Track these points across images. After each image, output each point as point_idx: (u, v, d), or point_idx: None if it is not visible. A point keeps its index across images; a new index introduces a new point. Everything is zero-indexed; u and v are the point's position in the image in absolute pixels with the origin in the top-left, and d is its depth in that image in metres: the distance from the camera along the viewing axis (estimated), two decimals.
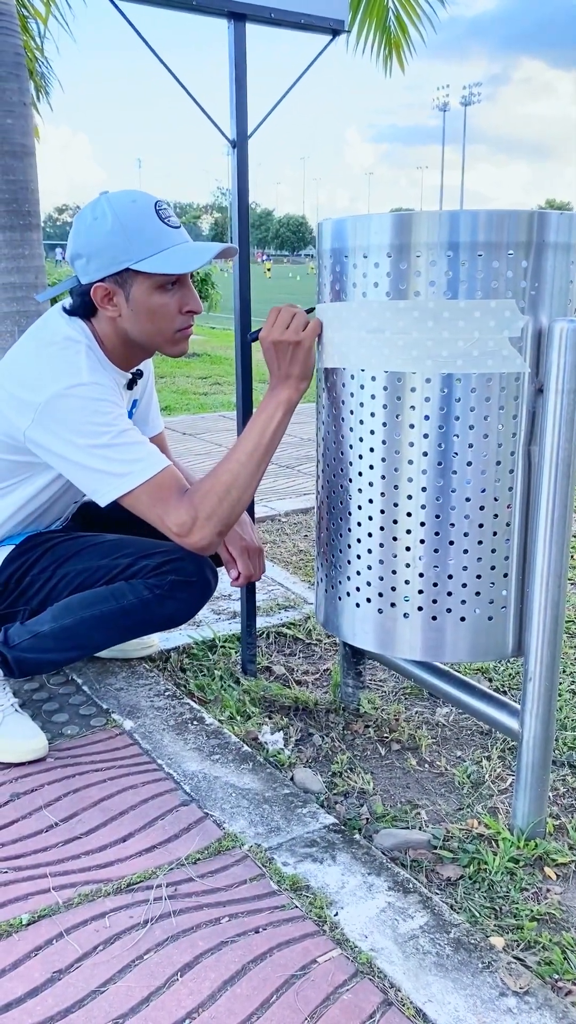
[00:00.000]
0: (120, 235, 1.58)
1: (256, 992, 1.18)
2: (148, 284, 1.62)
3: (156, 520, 1.60)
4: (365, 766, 1.79)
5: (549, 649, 1.46)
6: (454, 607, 1.48)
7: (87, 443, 1.56)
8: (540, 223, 1.35)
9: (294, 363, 1.56)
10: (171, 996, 1.18)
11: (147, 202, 1.62)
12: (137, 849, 1.48)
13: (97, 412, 1.57)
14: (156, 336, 1.68)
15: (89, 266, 1.62)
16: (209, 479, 1.61)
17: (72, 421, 1.56)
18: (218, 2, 1.76)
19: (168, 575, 1.73)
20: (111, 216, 1.58)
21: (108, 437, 1.56)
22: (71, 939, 1.28)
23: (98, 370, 1.63)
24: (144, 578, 1.74)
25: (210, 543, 1.62)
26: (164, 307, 1.65)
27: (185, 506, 1.58)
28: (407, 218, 1.38)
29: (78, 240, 1.62)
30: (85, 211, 1.64)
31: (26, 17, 5.08)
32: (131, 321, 1.66)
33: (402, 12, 5.25)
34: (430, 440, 1.42)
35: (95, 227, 1.60)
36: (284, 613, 2.52)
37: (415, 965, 1.23)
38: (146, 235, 1.59)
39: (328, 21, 1.91)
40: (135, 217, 1.59)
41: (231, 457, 1.61)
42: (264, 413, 1.60)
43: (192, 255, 1.62)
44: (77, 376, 1.58)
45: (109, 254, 1.59)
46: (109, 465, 1.57)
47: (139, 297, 1.63)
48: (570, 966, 1.26)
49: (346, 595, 1.59)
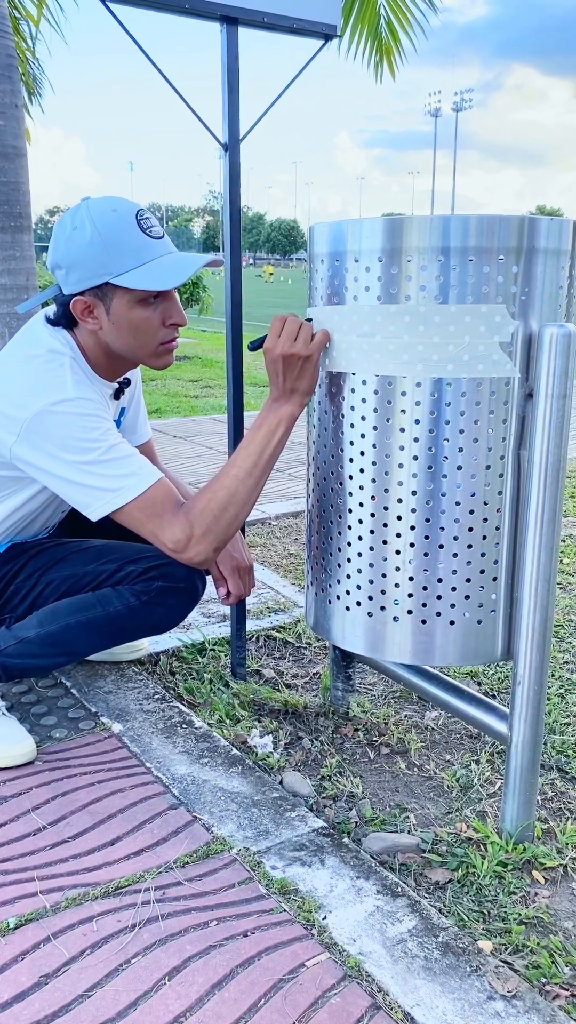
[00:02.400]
0: (99, 247, 1.53)
1: (244, 996, 1.18)
2: (129, 298, 1.57)
3: (150, 535, 1.57)
4: (354, 770, 1.79)
5: (538, 653, 1.46)
6: (444, 611, 1.48)
7: (76, 459, 1.52)
8: (531, 229, 1.36)
9: (301, 378, 1.52)
10: (159, 1000, 1.17)
11: (128, 211, 1.57)
12: (125, 852, 1.47)
13: (85, 428, 1.52)
14: (138, 350, 1.64)
15: (69, 277, 1.57)
16: (205, 495, 1.57)
17: (59, 437, 1.52)
18: (211, 5, 1.77)
19: (155, 581, 1.70)
20: (90, 227, 1.53)
21: (97, 453, 1.52)
22: (58, 943, 1.27)
23: (83, 384, 1.58)
24: (131, 584, 1.72)
25: (205, 559, 1.59)
26: (146, 321, 1.60)
27: (180, 522, 1.55)
28: (398, 222, 1.38)
29: (58, 250, 1.58)
30: (65, 219, 1.58)
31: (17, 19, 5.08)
32: (112, 335, 1.62)
33: (394, 19, 5.28)
34: (420, 444, 1.43)
35: (74, 238, 1.55)
36: (274, 616, 2.52)
37: (403, 969, 1.23)
38: (126, 247, 1.54)
39: (320, 26, 1.92)
40: (115, 228, 1.54)
41: (229, 472, 1.57)
42: (264, 428, 1.56)
43: (174, 270, 1.58)
44: (62, 391, 1.54)
45: (88, 267, 1.54)
46: (100, 481, 1.52)
47: (119, 311, 1.58)
48: (558, 969, 1.26)
49: (336, 598, 1.59)
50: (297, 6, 1.87)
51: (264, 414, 1.57)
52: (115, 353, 1.66)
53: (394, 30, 5.33)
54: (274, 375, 1.53)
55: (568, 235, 1.40)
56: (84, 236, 1.53)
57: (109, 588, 1.73)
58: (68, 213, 1.59)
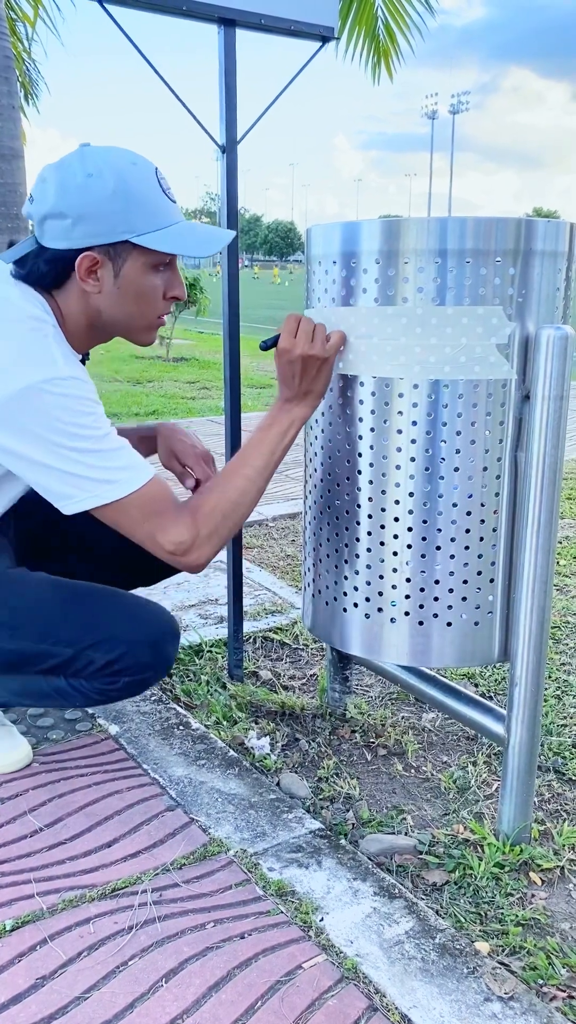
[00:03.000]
0: (121, 201, 1.36)
1: (241, 998, 1.18)
2: (144, 262, 1.41)
3: (145, 536, 1.41)
4: (351, 771, 1.79)
5: (535, 654, 1.46)
6: (441, 612, 1.48)
7: (63, 444, 1.33)
8: (528, 231, 1.36)
9: (317, 379, 1.46)
10: (156, 1002, 1.17)
11: (148, 168, 1.41)
12: (122, 854, 1.47)
13: (78, 412, 1.34)
14: (136, 320, 1.48)
15: (75, 230, 1.36)
16: (215, 494, 1.45)
17: (45, 419, 1.33)
18: (208, 7, 1.77)
19: (121, 676, 1.52)
20: (112, 176, 1.35)
21: (89, 442, 1.35)
22: (55, 945, 1.27)
23: (71, 359, 1.39)
24: (91, 680, 1.53)
25: (205, 564, 1.47)
26: (154, 290, 1.45)
27: (185, 523, 1.41)
28: (396, 224, 1.38)
29: (65, 197, 1.35)
30: (71, 164, 1.37)
31: (14, 20, 5.08)
32: (111, 299, 1.43)
33: (391, 21, 5.29)
34: (418, 445, 1.43)
35: (91, 186, 1.35)
36: (271, 618, 2.52)
37: (400, 970, 1.23)
38: (149, 205, 1.39)
39: (317, 28, 1.92)
40: (138, 183, 1.38)
41: (239, 472, 1.47)
42: (276, 428, 1.48)
43: (202, 237, 1.44)
44: (52, 368, 1.34)
45: (108, 221, 1.36)
46: (89, 471, 1.35)
47: (131, 275, 1.41)
48: (555, 971, 1.26)
49: (333, 600, 1.59)
50: (294, 8, 1.87)
51: (275, 413, 1.49)
52: (101, 322, 1.47)
53: (391, 32, 5.34)
54: (289, 376, 1.46)
55: (565, 237, 1.40)
56: (105, 185, 1.35)
57: (64, 682, 1.54)
58: (73, 157, 1.39)
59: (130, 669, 1.51)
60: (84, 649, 1.49)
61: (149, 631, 1.52)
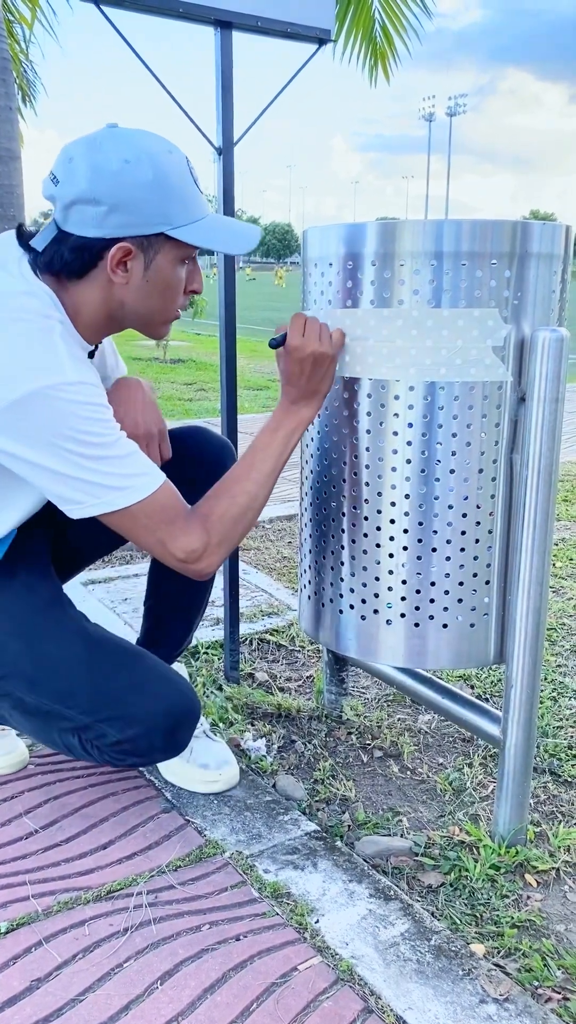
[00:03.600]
0: (159, 191, 1.29)
1: (236, 1000, 1.18)
2: (175, 255, 1.36)
3: (154, 544, 1.36)
4: (347, 773, 1.79)
5: (531, 656, 1.47)
6: (437, 614, 1.48)
7: (72, 450, 1.28)
8: (523, 233, 1.36)
9: (325, 379, 1.44)
10: (151, 1004, 1.17)
11: (181, 157, 1.34)
12: (117, 856, 1.47)
13: (88, 419, 1.28)
14: (158, 313, 1.42)
15: (108, 219, 1.28)
16: (224, 500, 1.42)
17: (52, 425, 1.27)
18: (205, 9, 1.77)
19: (129, 756, 1.48)
20: (150, 165, 1.28)
21: (99, 449, 1.28)
22: (50, 947, 1.27)
23: (80, 362, 1.32)
24: (100, 750, 1.49)
25: (215, 569, 1.44)
26: (179, 283, 1.40)
27: (196, 530, 1.37)
28: (392, 227, 1.39)
29: (98, 183, 1.26)
30: (104, 146, 1.28)
31: (12, 22, 5.08)
32: (138, 292, 1.36)
33: (388, 23, 5.29)
34: (413, 448, 1.43)
35: (128, 173, 1.27)
36: (267, 619, 2.52)
37: (396, 972, 1.23)
38: (184, 198, 1.33)
39: (314, 30, 1.92)
40: (174, 173, 1.31)
41: (248, 476, 1.44)
42: (283, 430, 1.46)
43: (235, 232, 1.40)
44: (59, 373, 1.27)
45: (144, 211, 1.29)
46: (99, 477, 1.29)
47: (162, 267, 1.35)
48: (550, 973, 1.26)
49: (329, 601, 1.59)
50: (291, 11, 1.87)
51: (281, 415, 1.46)
52: (121, 314, 1.40)
53: (388, 34, 5.34)
54: (297, 375, 1.43)
55: (561, 240, 1.41)
56: (143, 174, 1.28)
57: (76, 741, 1.50)
58: (104, 140, 1.29)
59: (139, 751, 1.47)
60: (99, 721, 1.44)
61: (168, 714, 1.45)
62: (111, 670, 1.46)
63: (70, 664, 1.46)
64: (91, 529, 1.35)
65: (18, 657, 1.46)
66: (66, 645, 1.47)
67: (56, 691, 1.45)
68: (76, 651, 1.47)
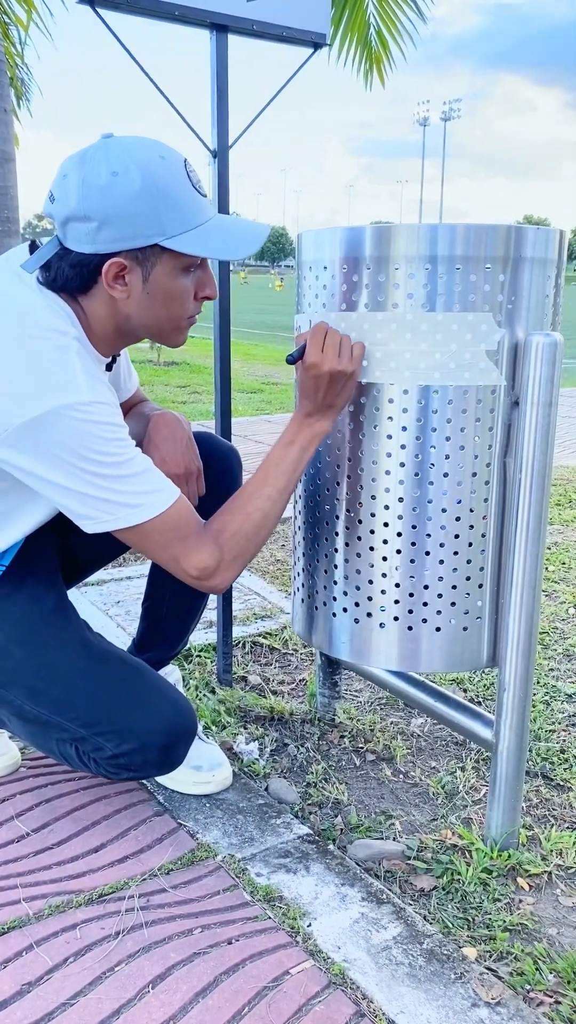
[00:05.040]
0: (151, 201, 1.26)
1: (228, 1004, 1.17)
2: (174, 265, 1.32)
3: (168, 559, 1.36)
4: (340, 776, 1.78)
5: (523, 660, 1.47)
6: (430, 617, 1.48)
7: (86, 469, 1.27)
8: (517, 238, 1.37)
9: (342, 393, 1.42)
10: (142, 1008, 1.17)
11: (177, 160, 1.30)
12: (109, 859, 1.47)
13: (100, 439, 1.26)
14: (166, 324, 1.39)
15: (100, 234, 1.26)
16: (238, 516, 1.40)
17: (67, 445, 1.26)
18: (200, 13, 1.77)
19: (124, 770, 1.47)
20: (138, 175, 1.25)
21: (113, 468, 1.27)
22: (41, 951, 1.27)
23: (94, 379, 1.29)
24: (96, 761, 1.48)
25: (229, 584, 1.43)
26: (184, 292, 1.36)
27: (209, 547, 1.36)
28: (386, 231, 1.39)
29: (88, 199, 1.25)
30: (94, 160, 1.26)
31: (7, 24, 5.08)
32: (140, 305, 1.34)
33: (383, 27, 5.31)
34: (407, 451, 1.43)
35: (116, 186, 1.24)
36: (260, 623, 2.52)
37: (388, 976, 1.23)
38: (180, 204, 1.29)
39: (309, 34, 1.93)
40: (167, 180, 1.27)
41: (261, 492, 1.42)
42: (298, 445, 1.44)
43: (237, 236, 1.35)
44: (75, 392, 1.25)
45: (135, 224, 1.26)
46: (113, 495, 1.29)
47: (160, 279, 1.32)
48: (542, 976, 1.27)
49: (322, 605, 1.59)
50: (286, 15, 1.88)
51: (295, 429, 1.44)
52: (130, 327, 1.39)
53: (383, 39, 5.36)
54: (313, 390, 1.41)
55: (554, 244, 1.41)
56: (131, 185, 1.24)
57: (74, 752, 1.50)
58: (95, 152, 1.27)
59: (135, 765, 1.46)
60: (97, 734, 1.44)
61: (165, 731, 1.44)
62: (111, 684, 1.46)
63: (71, 676, 1.45)
64: (98, 536, 1.35)
65: (21, 665, 1.45)
66: (68, 657, 1.46)
67: (56, 702, 1.45)
68: (77, 663, 1.46)
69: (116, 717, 1.43)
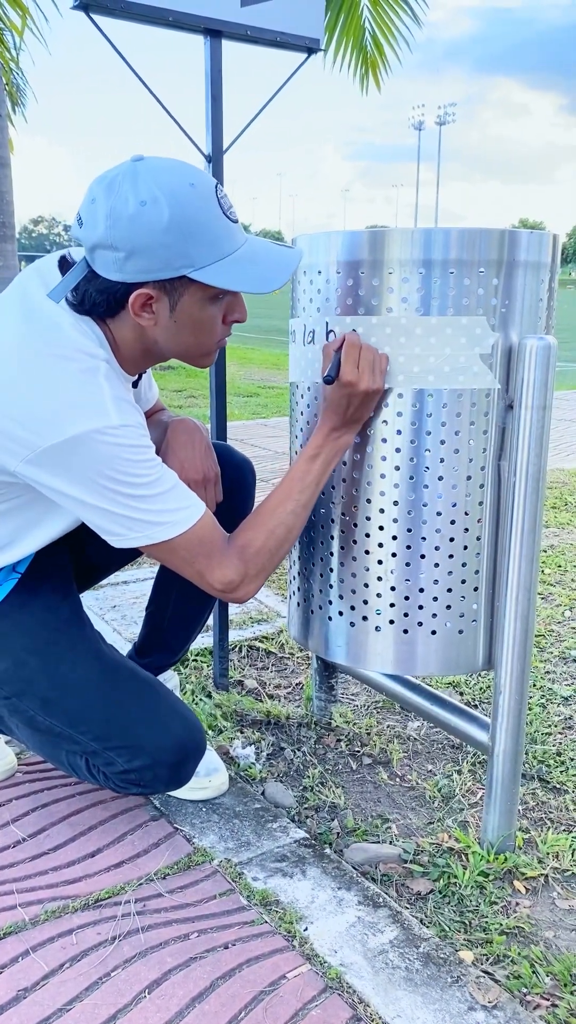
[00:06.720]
0: (178, 233, 1.23)
1: (224, 1008, 1.17)
2: (202, 295, 1.30)
3: (193, 574, 1.38)
4: (336, 780, 1.78)
5: (519, 662, 1.47)
6: (425, 620, 1.48)
7: (114, 489, 1.28)
8: (511, 242, 1.37)
9: (367, 408, 1.42)
10: (138, 1013, 1.17)
11: (208, 187, 1.26)
12: (106, 864, 1.47)
13: (130, 461, 1.27)
14: (193, 349, 1.39)
15: (128, 264, 1.24)
16: (261, 531, 1.42)
17: (98, 467, 1.27)
18: (194, 18, 1.78)
19: (134, 785, 1.49)
20: (167, 205, 1.21)
21: (142, 489, 1.29)
22: (37, 956, 1.26)
23: (123, 401, 1.29)
24: (106, 775, 1.49)
25: (253, 595, 1.44)
26: (212, 320, 1.35)
27: (234, 563, 1.38)
28: (380, 235, 1.39)
29: (115, 228, 1.22)
30: (122, 188, 1.22)
31: (1, 30, 5.08)
32: (168, 333, 1.34)
33: (378, 32, 5.33)
34: (402, 454, 1.43)
35: (144, 216, 1.21)
36: (257, 626, 2.52)
37: (384, 980, 1.23)
38: (209, 234, 1.25)
39: (303, 39, 1.93)
40: (197, 209, 1.24)
41: (285, 507, 1.43)
42: (322, 458, 1.44)
43: (268, 265, 1.32)
44: (104, 417, 1.24)
45: (162, 256, 1.24)
46: (141, 514, 1.30)
47: (188, 308, 1.31)
48: (539, 980, 1.26)
49: (318, 608, 1.59)
50: (280, 20, 1.88)
51: (320, 442, 1.44)
52: (158, 350, 1.39)
53: (379, 43, 5.38)
54: (345, 407, 1.40)
55: (548, 248, 1.42)
56: (159, 217, 1.22)
57: (84, 764, 1.52)
58: (124, 179, 1.23)
59: (144, 781, 1.47)
60: (109, 749, 1.45)
61: (175, 749, 1.45)
62: (124, 699, 1.47)
63: (84, 689, 1.46)
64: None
65: (35, 675, 1.46)
66: (83, 669, 1.47)
67: (69, 714, 1.45)
68: (92, 676, 1.47)
69: (128, 733, 1.44)
